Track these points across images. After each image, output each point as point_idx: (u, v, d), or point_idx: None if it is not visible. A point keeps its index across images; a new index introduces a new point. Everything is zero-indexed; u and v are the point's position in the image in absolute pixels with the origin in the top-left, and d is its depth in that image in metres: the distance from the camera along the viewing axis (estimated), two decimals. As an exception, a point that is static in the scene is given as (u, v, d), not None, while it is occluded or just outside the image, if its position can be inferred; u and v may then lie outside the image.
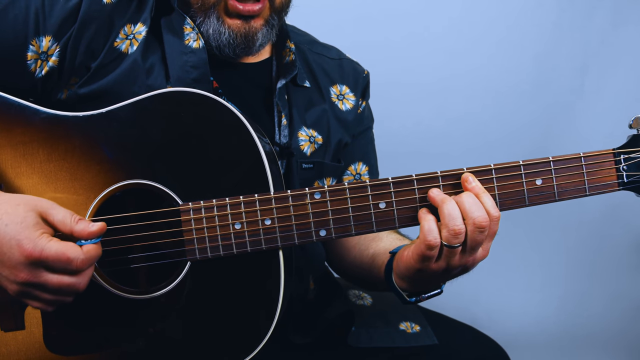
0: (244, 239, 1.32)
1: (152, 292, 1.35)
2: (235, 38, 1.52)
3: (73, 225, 1.23)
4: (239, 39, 1.52)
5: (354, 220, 1.33)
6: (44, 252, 1.18)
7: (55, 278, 1.21)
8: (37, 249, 1.17)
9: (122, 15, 1.49)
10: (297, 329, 1.65)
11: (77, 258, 1.20)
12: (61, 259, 1.19)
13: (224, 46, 1.53)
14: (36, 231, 1.19)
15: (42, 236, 1.19)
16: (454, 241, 1.26)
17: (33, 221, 1.20)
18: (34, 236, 1.18)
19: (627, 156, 1.33)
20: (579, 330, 3.26)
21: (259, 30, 1.54)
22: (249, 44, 1.54)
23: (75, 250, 1.20)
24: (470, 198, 1.27)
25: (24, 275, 1.19)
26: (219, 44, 1.53)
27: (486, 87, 3.24)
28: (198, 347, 1.35)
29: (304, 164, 1.64)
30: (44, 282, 1.20)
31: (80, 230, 1.23)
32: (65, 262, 1.19)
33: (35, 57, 1.44)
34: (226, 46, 1.53)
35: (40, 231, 1.20)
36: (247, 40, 1.53)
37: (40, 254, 1.18)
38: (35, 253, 1.17)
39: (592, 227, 3.38)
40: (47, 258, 1.18)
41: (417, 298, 1.42)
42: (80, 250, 1.21)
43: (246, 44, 1.54)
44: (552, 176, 1.33)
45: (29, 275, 1.19)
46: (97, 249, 1.24)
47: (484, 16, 3.21)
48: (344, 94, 1.76)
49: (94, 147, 1.35)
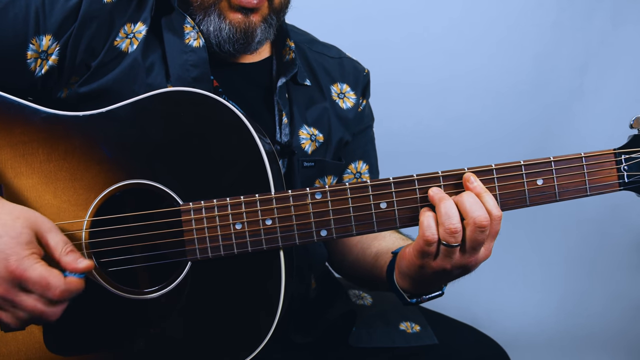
0: (245, 239, 1.32)
1: (153, 292, 1.34)
2: (235, 33, 1.52)
3: (62, 255, 1.23)
4: (238, 34, 1.52)
5: (355, 220, 1.32)
6: (26, 273, 1.17)
7: (30, 301, 1.20)
8: (20, 267, 1.17)
9: (123, 14, 1.49)
10: (298, 328, 1.65)
11: (58, 287, 1.19)
12: (41, 283, 1.18)
13: (224, 42, 1.53)
14: (26, 250, 1.18)
15: (31, 257, 1.18)
16: (451, 240, 1.25)
17: (27, 239, 1.19)
18: (22, 254, 1.18)
19: (628, 156, 1.33)
20: (579, 330, 3.26)
21: (257, 26, 1.53)
22: (248, 39, 1.54)
23: (58, 279, 1.19)
24: (470, 197, 1.27)
25: (1, 289, 1.18)
26: (219, 40, 1.53)
27: (486, 87, 3.24)
28: (199, 347, 1.35)
29: (305, 163, 1.64)
30: (18, 302, 1.19)
31: (67, 262, 1.22)
32: (45, 287, 1.18)
33: (35, 56, 1.44)
34: (226, 42, 1.53)
35: (30, 251, 1.19)
36: (247, 35, 1.53)
37: (22, 274, 1.17)
38: (18, 271, 1.17)
39: (592, 227, 3.38)
40: (28, 279, 1.17)
41: (418, 299, 1.42)
42: (63, 280, 1.20)
43: (245, 39, 1.53)
44: (553, 176, 1.32)
45: (6, 291, 1.18)
46: (79, 283, 1.22)
47: (484, 16, 3.21)
48: (344, 92, 1.77)
49: (94, 147, 1.35)
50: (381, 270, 1.53)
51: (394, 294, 1.46)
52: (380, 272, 1.53)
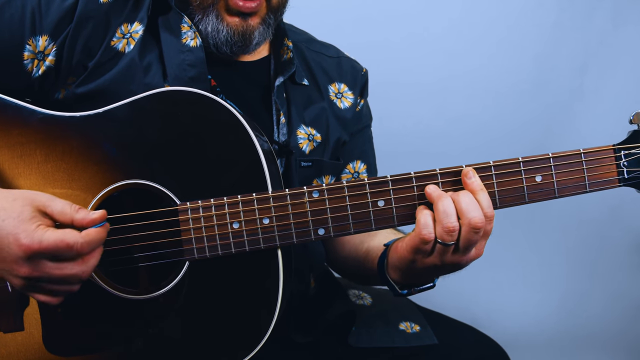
0: (242, 239, 1.32)
1: (151, 292, 1.34)
2: (233, 36, 1.52)
3: (73, 214, 1.22)
4: (236, 37, 1.52)
5: (352, 218, 1.32)
6: (43, 244, 1.17)
7: (57, 268, 1.20)
8: (34, 241, 1.16)
9: (119, 14, 1.49)
10: (298, 328, 1.65)
11: (77, 242, 1.19)
12: (60, 246, 1.18)
13: (221, 44, 1.53)
14: (33, 224, 1.18)
15: (39, 228, 1.18)
16: (447, 238, 1.25)
17: (30, 215, 1.19)
18: (30, 229, 1.17)
19: (628, 152, 1.32)
20: (579, 330, 3.26)
21: (255, 29, 1.53)
22: (246, 42, 1.54)
23: (74, 235, 1.19)
24: (467, 197, 1.26)
25: (25, 270, 1.18)
26: (216, 41, 1.53)
27: (486, 87, 3.24)
28: (198, 346, 1.34)
29: (303, 162, 1.64)
30: (46, 274, 1.19)
31: (81, 218, 1.22)
32: (65, 248, 1.18)
33: (32, 56, 1.44)
34: (224, 44, 1.53)
35: (37, 223, 1.19)
36: (245, 38, 1.53)
37: (39, 246, 1.17)
38: (34, 246, 1.16)
39: (592, 227, 3.38)
40: (47, 249, 1.17)
41: (409, 290, 1.42)
42: (79, 235, 1.19)
43: (243, 42, 1.53)
44: (551, 172, 1.32)
45: (31, 269, 1.18)
46: (97, 232, 1.22)
47: (484, 16, 3.21)
48: (342, 92, 1.76)
49: (92, 147, 1.35)
50: (373, 262, 1.53)
51: (386, 286, 1.46)
52: (372, 264, 1.53)
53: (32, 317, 1.34)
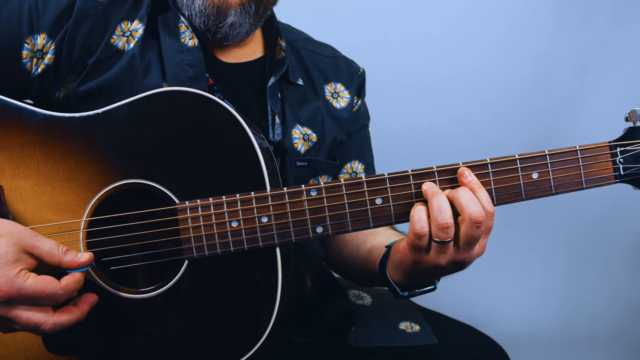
0: (241, 237, 1.32)
1: (151, 291, 1.35)
2: (207, 7, 1.50)
3: (61, 257, 1.22)
4: (210, 9, 1.50)
5: (350, 216, 1.32)
6: (22, 292, 1.16)
7: (26, 314, 1.19)
8: (14, 288, 1.16)
9: (118, 12, 1.50)
10: (297, 327, 1.65)
11: (56, 293, 1.19)
12: (39, 296, 1.18)
13: (195, 15, 1.51)
14: (14, 269, 1.17)
15: (20, 274, 1.17)
16: (441, 235, 1.25)
17: (13, 257, 1.18)
18: (11, 274, 1.16)
19: (624, 149, 1.32)
20: (579, 330, 3.26)
21: (232, 7, 1.51)
22: (219, 17, 1.51)
23: (54, 286, 1.19)
24: (466, 193, 1.26)
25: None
26: (191, 12, 1.51)
27: (486, 87, 3.24)
28: (197, 345, 1.35)
29: (298, 162, 1.64)
30: (16, 318, 1.19)
31: (69, 261, 1.22)
32: (44, 298, 1.18)
33: (31, 55, 1.44)
34: (197, 15, 1.51)
35: (19, 268, 1.17)
36: (219, 12, 1.51)
37: (18, 294, 1.16)
38: (12, 292, 1.16)
39: (592, 227, 3.38)
40: (25, 296, 1.17)
41: (410, 293, 1.42)
42: (59, 286, 1.19)
43: (217, 16, 1.51)
44: (548, 169, 1.32)
45: (3, 311, 1.18)
46: (77, 281, 1.22)
47: (484, 16, 3.21)
48: (338, 92, 1.76)
49: (91, 147, 1.35)
50: (374, 263, 1.52)
51: (386, 287, 1.45)
52: (374, 266, 1.52)
53: (32, 317, 1.34)
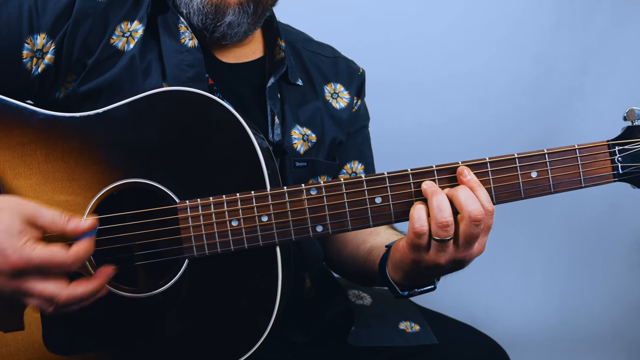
0: (241, 236, 1.33)
1: (151, 290, 1.35)
2: (206, 5, 1.50)
3: (65, 225, 1.21)
4: (208, 7, 1.50)
5: (350, 215, 1.32)
6: (30, 262, 1.15)
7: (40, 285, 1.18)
8: (22, 259, 1.15)
9: (118, 12, 1.50)
10: (297, 327, 1.65)
11: (65, 261, 1.18)
12: (48, 264, 1.17)
13: (193, 13, 1.51)
14: (20, 239, 1.16)
15: (26, 245, 1.16)
16: (441, 234, 1.25)
17: (18, 228, 1.16)
18: (18, 245, 1.15)
19: (622, 147, 1.32)
20: (579, 330, 3.26)
21: (230, 6, 1.51)
22: (217, 15, 1.51)
23: (62, 253, 1.18)
24: (465, 191, 1.26)
25: (10, 284, 1.17)
26: (189, 10, 1.52)
27: (486, 87, 3.23)
28: (197, 344, 1.35)
29: (298, 162, 1.64)
30: (30, 290, 1.18)
31: (73, 228, 1.21)
32: (53, 266, 1.17)
33: (31, 55, 1.44)
34: (195, 13, 1.51)
35: (25, 239, 1.16)
36: (217, 11, 1.51)
37: (27, 264, 1.15)
38: (21, 263, 1.15)
39: (592, 227, 3.37)
40: (34, 266, 1.16)
41: (410, 292, 1.42)
42: (67, 253, 1.18)
43: (215, 15, 1.51)
44: (547, 168, 1.32)
45: (16, 284, 1.17)
46: (86, 247, 1.21)
47: (484, 16, 3.21)
48: (338, 92, 1.77)
49: (92, 147, 1.35)
50: (374, 263, 1.52)
51: (386, 287, 1.45)
52: (373, 265, 1.52)
53: (32, 317, 1.34)
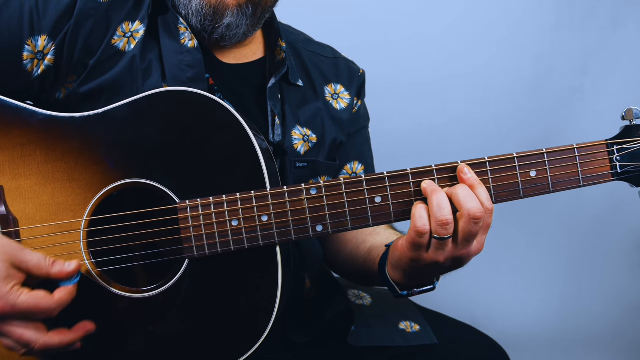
0: (241, 236, 1.33)
1: (151, 290, 1.35)
2: (204, 7, 1.50)
3: (49, 269, 1.22)
4: (207, 9, 1.50)
5: (350, 215, 1.33)
6: (16, 308, 1.18)
7: (20, 330, 1.20)
8: (8, 305, 1.17)
9: (119, 13, 1.50)
10: (297, 327, 1.65)
11: (50, 307, 1.20)
12: (33, 311, 1.19)
13: (192, 14, 1.52)
14: (7, 285, 1.18)
15: (12, 291, 1.18)
16: (442, 232, 1.25)
17: (4, 274, 1.18)
18: (4, 291, 1.17)
19: (620, 147, 1.33)
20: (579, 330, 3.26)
21: (229, 8, 1.51)
22: (216, 17, 1.52)
23: (47, 300, 1.20)
24: (464, 190, 1.27)
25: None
26: (187, 11, 1.52)
27: (486, 87, 3.24)
28: (197, 344, 1.35)
29: (298, 163, 1.64)
30: (8, 333, 1.21)
31: (57, 272, 1.23)
32: (38, 313, 1.20)
33: (32, 56, 1.44)
34: (194, 14, 1.52)
35: (11, 285, 1.18)
36: (216, 13, 1.51)
37: (12, 309, 1.17)
38: (7, 309, 1.17)
39: (592, 227, 3.37)
40: (19, 312, 1.18)
41: (409, 292, 1.42)
42: (53, 300, 1.20)
43: (213, 17, 1.52)
44: (546, 167, 1.32)
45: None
46: (70, 293, 1.24)
47: (484, 16, 3.21)
48: (338, 93, 1.77)
49: (92, 147, 1.35)
50: (374, 262, 1.52)
51: (386, 286, 1.45)
52: (373, 265, 1.53)
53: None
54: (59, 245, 1.34)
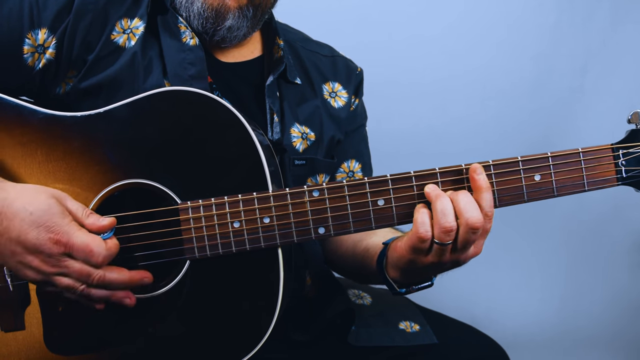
0: (243, 238, 1.32)
1: (152, 291, 1.34)
2: (206, 9, 1.51)
3: (84, 218, 1.26)
4: (208, 12, 1.51)
5: (352, 217, 1.32)
6: (71, 240, 1.21)
7: (77, 266, 1.24)
8: (66, 235, 1.21)
9: (118, 9, 1.49)
10: (297, 326, 1.65)
11: (100, 254, 1.23)
12: (85, 250, 1.22)
13: (193, 17, 1.52)
14: (65, 218, 1.23)
15: (72, 223, 1.23)
16: (445, 238, 1.25)
17: (59, 209, 1.23)
18: (63, 222, 1.22)
19: (626, 151, 1.32)
20: (579, 330, 3.26)
21: (230, 10, 1.52)
22: (217, 20, 1.52)
23: (100, 244, 1.24)
24: (466, 197, 1.26)
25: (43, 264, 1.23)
26: (189, 13, 1.52)
27: (486, 87, 3.24)
28: (199, 345, 1.35)
29: (297, 161, 1.64)
30: (65, 266, 1.23)
31: (91, 223, 1.26)
32: (88, 254, 1.22)
33: (32, 50, 1.44)
34: (196, 17, 1.52)
35: (69, 218, 1.23)
36: (217, 15, 1.52)
37: (68, 241, 1.21)
38: (64, 240, 1.21)
39: (592, 227, 3.38)
40: (73, 246, 1.22)
41: (407, 289, 1.42)
42: (104, 246, 1.24)
43: (215, 19, 1.52)
44: (550, 172, 1.32)
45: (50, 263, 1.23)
46: (117, 246, 1.28)
47: (484, 16, 3.21)
48: (336, 91, 1.77)
49: (92, 147, 1.35)
50: (372, 260, 1.52)
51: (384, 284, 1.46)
52: (371, 263, 1.53)
53: (33, 316, 1.34)
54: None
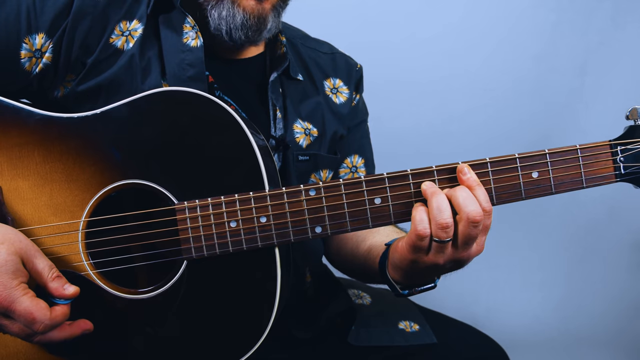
0: (240, 237, 1.32)
1: (150, 291, 1.34)
2: (249, 19, 1.51)
3: (49, 281, 1.23)
4: (252, 20, 1.51)
5: (349, 216, 1.32)
6: (13, 305, 1.18)
7: (14, 328, 1.21)
8: (8, 299, 1.17)
9: (117, 11, 1.49)
10: (297, 324, 1.65)
11: (42, 322, 1.20)
12: (27, 317, 1.19)
13: (236, 29, 1.52)
14: (14, 279, 1.18)
15: (19, 287, 1.19)
16: (442, 235, 1.24)
17: (13, 267, 1.19)
18: (10, 285, 1.18)
19: (624, 147, 1.31)
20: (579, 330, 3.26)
21: (269, 13, 1.53)
22: (260, 26, 1.53)
23: (44, 313, 1.20)
24: (464, 192, 1.26)
25: None
26: (230, 27, 1.52)
27: (486, 86, 3.24)
28: (197, 344, 1.35)
29: (300, 156, 1.65)
30: (4, 327, 1.21)
31: (55, 288, 1.23)
32: (30, 321, 1.19)
33: (30, 55, 1.44)
34: (239, 28, 1.52)
35: (18, 280, 1.19)
36: (260, 22, 1.52)
37: (9, 306, 1.18)
38: (5, 303, 1.17)
39: (592, 227, 3.38)
40: (14, 311, 1.18)
41: (410, 291, 1.42)
42: (48, 315, 1.20)
43: (258, 26, 1.53)
44: (548, 169, 1.31)
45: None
46: (64, 313, 1.24)
47: (484, 16, 3.22)
48: (337, 87, 1.77)
49: (90, 148, 1.35)
50: (374, 262, 1.52)
51: (387, 286, 1.45)
52: (373, 264, 1.52)
53: (32, 318, 1.34)
54: (57, 246, 1.33)
